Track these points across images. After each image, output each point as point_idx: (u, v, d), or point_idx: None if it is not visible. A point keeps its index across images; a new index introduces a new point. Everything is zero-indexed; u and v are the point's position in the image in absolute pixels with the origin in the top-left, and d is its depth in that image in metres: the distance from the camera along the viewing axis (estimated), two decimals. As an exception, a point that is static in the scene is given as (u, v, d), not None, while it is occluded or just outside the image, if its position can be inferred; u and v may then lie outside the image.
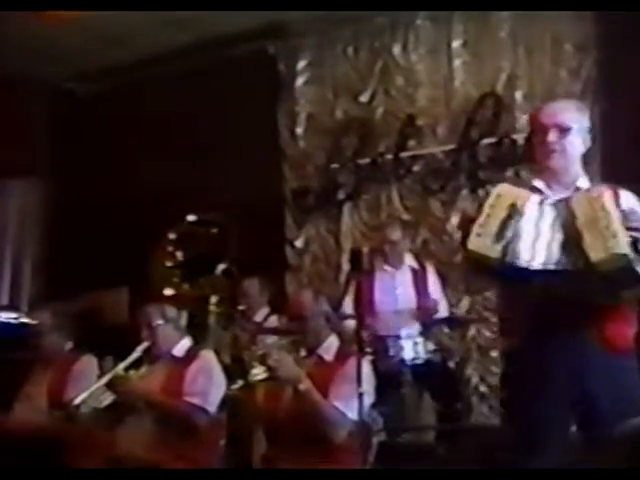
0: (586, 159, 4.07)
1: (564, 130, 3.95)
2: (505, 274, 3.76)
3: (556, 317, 3.78)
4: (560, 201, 3.80)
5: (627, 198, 3.88)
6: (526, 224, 3.72)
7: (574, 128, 3.98)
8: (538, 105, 7.70)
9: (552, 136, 3.94)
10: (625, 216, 3.66)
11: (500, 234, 3.71)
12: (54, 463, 5.16)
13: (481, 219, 3.76)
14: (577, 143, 3.99)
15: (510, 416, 4.23)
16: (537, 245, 3.70)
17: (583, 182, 3.99)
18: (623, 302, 3.82)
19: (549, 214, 3.74)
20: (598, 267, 3.63)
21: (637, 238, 3.64)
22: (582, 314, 3.79)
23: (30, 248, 10.28)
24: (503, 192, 3.85)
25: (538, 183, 4.00)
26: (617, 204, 3.72)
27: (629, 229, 3.63)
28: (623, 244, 3.60)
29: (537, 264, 3.68)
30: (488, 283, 3.95)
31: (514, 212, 3.74)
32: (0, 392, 6.22)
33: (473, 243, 3.75)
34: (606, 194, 3.71)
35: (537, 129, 4.03)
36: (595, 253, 3.62)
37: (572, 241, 3.67)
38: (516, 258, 3.68)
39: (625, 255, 3.60)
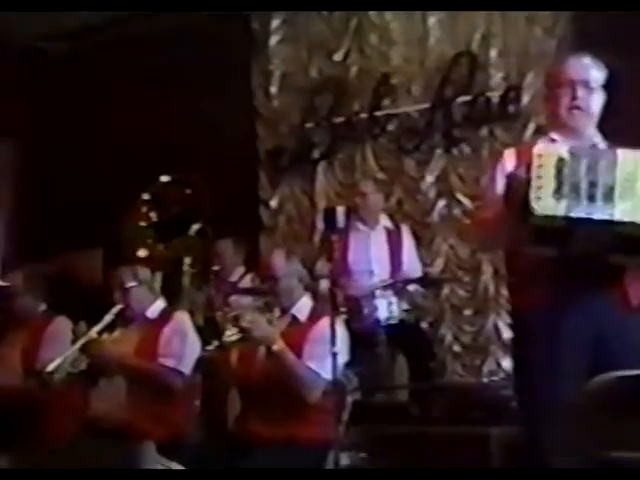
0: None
1: (591, 87, 3.95)
2: (571, 231, 3.69)
3: (577, 274, 3.75)
4: (601, 150, 3.81)
5: None
6: (576, 175, 3.68)
7: (597, 86, 3.98)
8: (513, 63, 7.89)
9: (580, 92, 3.92)
10: None
11: (558, 190, 3.67)
12: (28, 425, 5.16)
13: (534, 183, 3.71)
14: (599, 101, 3.99)
15: (521, 374, 4.19)
16: (588, 195, 3.66)
17: (599, 140, 3.99)
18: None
19: (592, 162, 3.69)
20: (616, 227, 3.62)
21: None
22: (604, 272, 3.77)
23: (2, 210, 10.24)
24: (543, 151, 3.80)
25: (557, 137, 3.98)
26: None
27: None
28: None
29: (591, 214, 3.62)
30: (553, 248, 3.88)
31: (562, 166, 3.70)
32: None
33: (537, 207, 3.63)
34: None
35: (562, 84, 3.97)
36: (619, 212, 3.61)
37: (607, 193, 3.65)
38: (580, 211, 3.65)
39: None
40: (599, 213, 3.61)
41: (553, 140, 3.98)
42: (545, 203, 3.63)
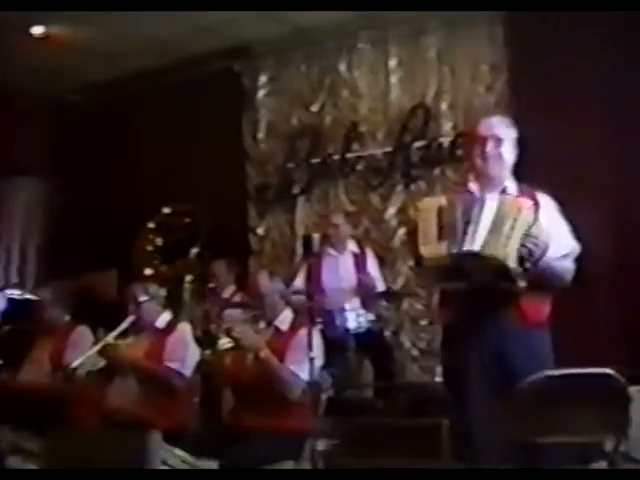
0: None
1: (498, 140, 3.96)
2: (452, 265, 3.78)
3: (480, 300, 3.80)
4: (478, 199, 3.86)
5: (546, 211, 3.89)
6: (453, 219, 3.77)
7: (506, 139, 3.99)
8: (460, 114, 7.97)
9: (489, 146, 3.95)
10: (527, 233, 3.69)
11: (440, 234, 3.77)
12: (56, 415, 5.16)
13: (420, 232, 3.82)
14: (508, 152, 4.00)
15: (445, 378, 4.26)
16: (467, 235, 3.75)
17: (510, 185, 4.01)
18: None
19: (472, 210, 3.79)
20: (484, 260, 3.70)
21: (523, 255, 3.69)
22: (500, 295, 3.82)
23: (34, 236, 10.22)
24: (424, 205, 3.92)
25: (473, 186, 4.00)
26: (533, 218, 3.74)
27: (523, 246, 3.68)
28: (508, 253, 3.65)
29: (467, 249, 3.72)
30: (441, 279, 3.98)
31: (442, 213, 3.80)
32: (10, 357, 6.23)
33: (425, 250, 3.79)
34: (526, 206, 3.75)
35: (475, 140, 4.01)
36: (489, 247, 3.69)
37: (476, 230, 3.73)
38: (456, 247, 3.74)
39: (502, 263, 3.66)
40: (469, 247, 3.71)
41: (469, 190, 3.99)
42: (430, 247, 3.76)
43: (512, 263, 3.66)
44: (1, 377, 6.11)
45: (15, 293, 8.50)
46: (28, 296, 8.21)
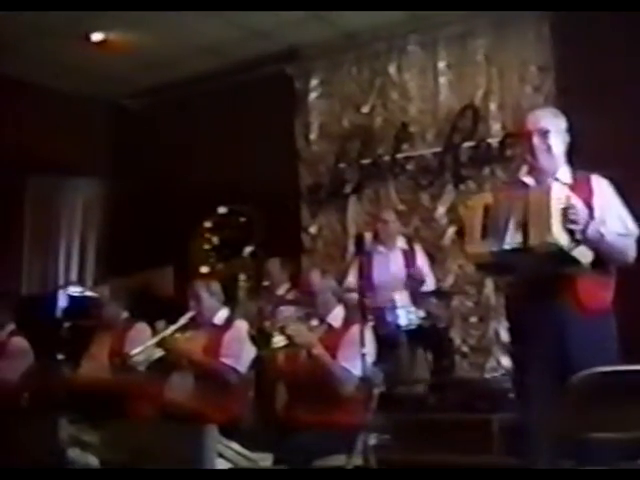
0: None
1: (545, 133, 3.94)
2: (497, 262, 3.77)
3: (539, 288, 3.78)
4: (521, 194, 3.82)
5: (601, 195, 3.86)
6: (498, 216, 3.74)
7: (552, 130, 3.97)
8: (509, 115, 7.90)
9: (536, 139, 3.93)
10: (565, 211, 3.65)
11: (484, 233, 3.73)
12: (116, 408, 5.17)
13: (466, 229, 3.79)
14: (557, 142, 3.97)
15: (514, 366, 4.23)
16: (508, 231, 3.71)
17: (563, 174, 3.98)
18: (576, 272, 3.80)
19: (514, 206, 3.75)
20: (535, 250, 3.66)
21: (572, 230, 3.65)
22: (558, 284, 3.79)
23: (93, 234, 10.31)
24: (472, 203, 3.89)
25: (527, 179, 4.00)
26: (564, 198, 3.71)
27: (566, 221, 3.64)
28: (556, 234, 3.61)
29: (508, 245, 3.69)
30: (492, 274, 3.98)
31: (488, 210, 3.76)
32: (70, 353, 6.25)
33: (468, 248, 3.82)
34: (552, 191, 3.72)
35: (523, 135, 4.01)
36: (533, 239, 3.65)
37: (524, 226, 3.70)
38: (499, 245, 3.70)
39: (554, 244, 3.62)
40: (512, 242, 3.69)
41: (522, 182, 3.99)
42: (474, 245, 3.73)
43: (562, 240, 3.63)
44: (62, 371, 6.14)
45: (75, 291, 8.55)
46: (88, 293, 8.26)
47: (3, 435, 4.59)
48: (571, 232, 3.66)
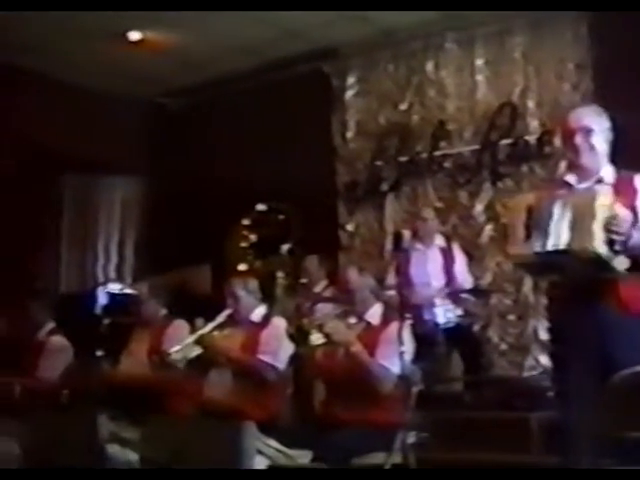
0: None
1: (589, 131, 3.89)
2: (540, 263, 3.75)
3: (582, 289, 3.76)
4: (565, 195, 3.78)
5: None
6: (541, 218, 3.71)
7: (596, 129, 3.92)
8: (546, 112, 7.85)
9: (579, 138, 3.89)
10: (608, 220, 3.61)
11: (527, 232, 3.71)
12: (155, 405, 5.19)
13: (508, 230, 3.79)
14: (600, 141, 3.92)
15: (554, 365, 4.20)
16: (551, 233, 3.67)
17: (606, 173, 3.93)
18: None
19: (557, 207, 3.72)
20: (576, 254, 3.63)
21: (613, 240, 3.61)
22: (601, 286, 3.75)
23: (131, 232, 10.37)
24: (514, 203, 3.87)
25: (569, 178, 3.96)
26: (609, 206, 3.67)
27: (608, 231, 3.60)
28: (597, 242, 3.58)
29: (551, 247, 3.66)
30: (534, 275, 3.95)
31: (531, 211, 3.74)
32: (110, 349, 6.29)
33: (511, 249, 3.82)
34: (599, 197, 3.68)
35: (566, 133, 3.96)
36: (574, 243, 3.62)
37: (567, 229, 3.67)
38: (542, 246, 3.67)
39: (594, 252, 3.59)
40: (555, 244, 3.65)
41: (565, 182, 3.95)
42: (517, 247, 3.71)
43: (602, 249, 3.60)
44: (101, 368, 6.18)
45: (114, 288, 8.60)
46: (127, 291, 8.31)
47: (44, 433, 4.63)
48: (612, 241, 3.62)
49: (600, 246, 3.60)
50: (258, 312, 5.51)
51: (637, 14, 6.89)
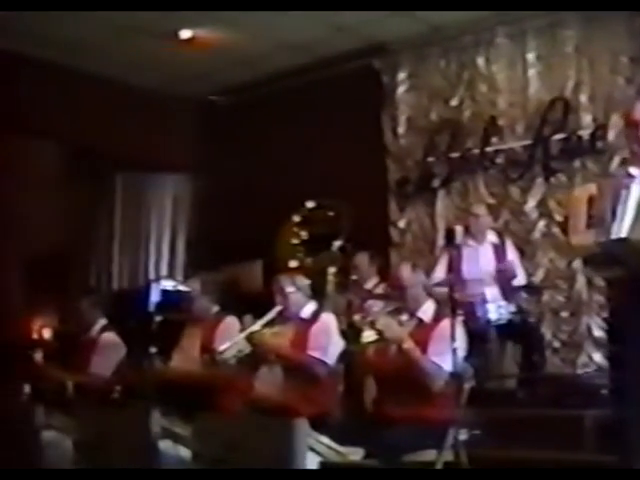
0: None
1: None
2: (602, 253, 3.69)
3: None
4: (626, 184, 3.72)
5: None
6: (602, 207, 3.65)
7: None
8: (600, 106, 7.76)
9: None
10: None
11: (590, 222, 3.66)
12: (206, 401, 5.22)
13: (571, 220, 3.73)
14: None
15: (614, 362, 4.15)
16: (614, 221, 3.62)
17: None
18: None
19: (619, 196, 3.65)
20: (637, 245, 3.57)
21: None
22: None
23: (183, 229, 10.43)
24: (577, 194, 3.81)
25: (634, 170, 3.87)
26: None
27: None
28: None
29: (614, 236, 3.61)
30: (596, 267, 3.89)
31: (593, 201, 3.69)
32: (162, 346, 6.33)
33: (573, 239, 3.78)
34: None
35: (631, 124, 3.90)
36: (637, 234, 3.56)
37: (629, 219, 3.61)
38: (605, 236, 3.62)
39: None
40: (617, 234, 3.59)
41: (630, 175, 3.87)
42: (579, 236, 3.65)
43: None
44: (153, 365, 6.22)
45: (167, 285, 8.65)
46: (179, 288, 8.35)
47: (97, 429, 4.67)
48: None
49: None
50: (308, 309, 5.52)
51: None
